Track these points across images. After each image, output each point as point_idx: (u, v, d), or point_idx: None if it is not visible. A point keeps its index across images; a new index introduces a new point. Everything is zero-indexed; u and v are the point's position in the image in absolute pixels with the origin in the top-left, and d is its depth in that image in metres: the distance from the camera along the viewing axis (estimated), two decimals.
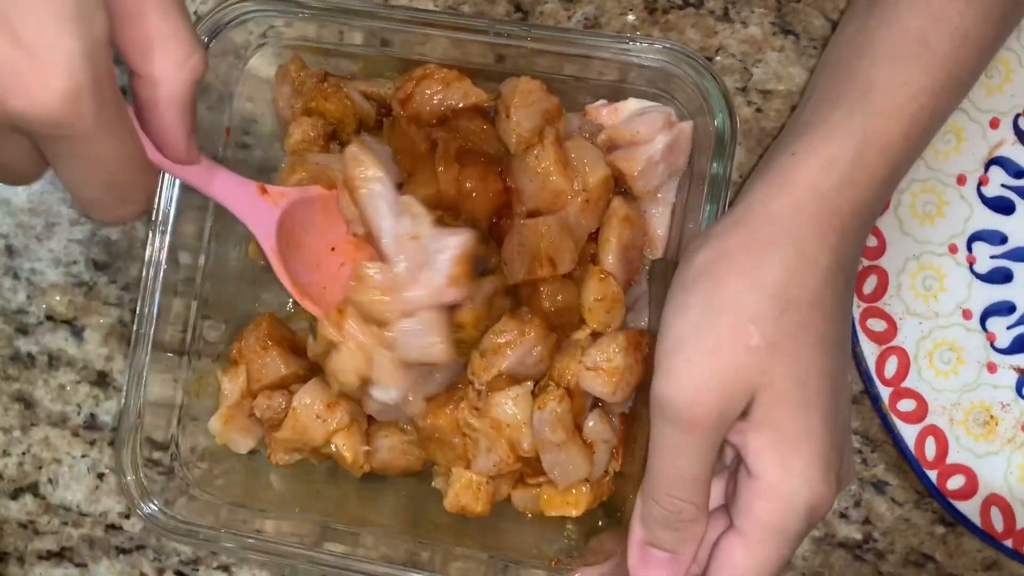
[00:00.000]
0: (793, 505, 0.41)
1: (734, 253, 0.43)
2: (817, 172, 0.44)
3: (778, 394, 0.42)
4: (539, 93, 0.51)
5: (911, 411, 0.54)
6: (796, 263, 0.42)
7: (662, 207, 0.53)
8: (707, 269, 0.43)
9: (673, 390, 0.42)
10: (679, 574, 0.44)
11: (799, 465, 0.41)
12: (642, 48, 0.50)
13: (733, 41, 0.58)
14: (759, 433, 0.42)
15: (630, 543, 0.45)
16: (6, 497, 0.61)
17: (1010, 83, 0.55)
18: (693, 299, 0.43)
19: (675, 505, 0.43)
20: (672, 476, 0.43)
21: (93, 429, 0.61)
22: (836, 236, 0.43)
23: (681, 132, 0.52)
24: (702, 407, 0.41)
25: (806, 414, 0.42)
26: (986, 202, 0.55)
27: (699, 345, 0.42)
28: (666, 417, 0.42)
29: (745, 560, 0.42)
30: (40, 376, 0.61)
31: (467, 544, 0.52)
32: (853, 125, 0.44)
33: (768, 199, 0.44)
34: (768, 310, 0.42)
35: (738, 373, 0.41)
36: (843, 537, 0.57)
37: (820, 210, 0.43)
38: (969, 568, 0.57)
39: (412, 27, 0.51)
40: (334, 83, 0.54)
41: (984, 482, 0.54)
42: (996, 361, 0.55)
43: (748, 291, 0.42)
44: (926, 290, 0.55)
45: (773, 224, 0.43)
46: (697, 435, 0.42)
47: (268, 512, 0.55)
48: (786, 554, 0.42)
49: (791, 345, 0.42)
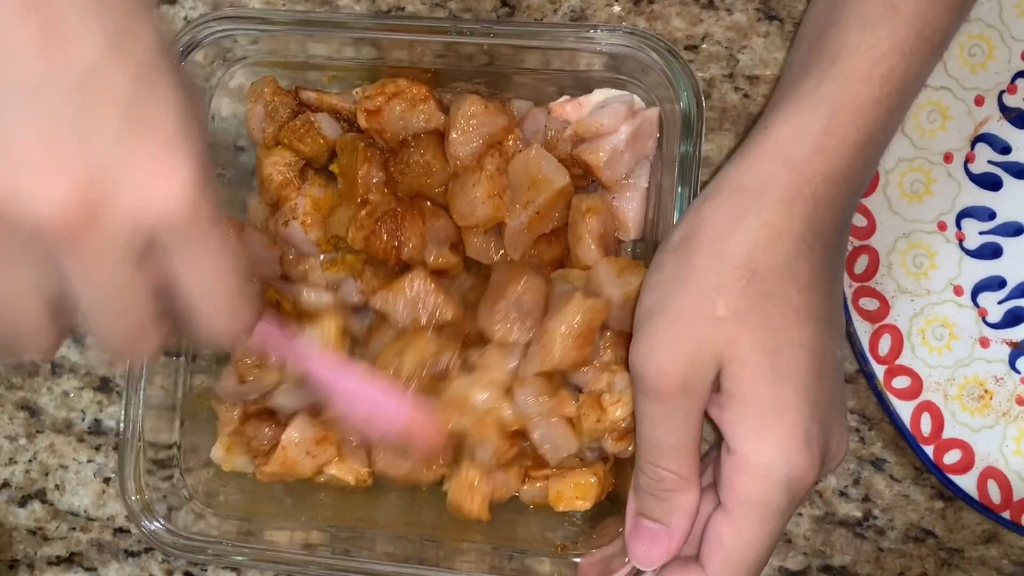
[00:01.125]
0: (771, 478, 0.42)
1: (702, 228, 0.43)
2: (787, 141, 0.43)
3: (746, 365, 0.42)
4: (483, 116, 0.52)
5: (906, 388, 0.55)
6: (763, 233, 0.42)
7: (632, 192, 0.54)
8: (678, 245, 0.44)
9: (641, 360, 0.43)
10: (669, 547, 0.45)
11: (774, 438, 0.41)
12: (604, 35, 0.50)
13: (718, 28, 0.58)
14: (731, 406, 0.42)
15: (627, 514, 0.46)
16: (14, 504, 0.62)
17: (993, 60, 0.55)
18: (663, 275, 0.44)
19: (657, 473, 0.44)
20: (651, 445, 0.44)
21: (98, 434, 0.62)
22: (808, 204, 0.43)
23: (645, 118, 0.52)
24: (666, 377, 0.42)
25: (778, 386, 0.42)
26: (973, 179, 0.56)
27: (664, 316, 0.43)
28: (639, 388, 0.43)
29: (731, 537, 0.43)
30: (44, 384, 0.62)
31: (473, 538, 0.53)
32: (821, 92, 0.44)
33: (739, 172, 0.44)
34: (733, 281, 0.42)
35: (701, 343, 0.42)
36: (843, 515, 0.58)
37: (791, 179, 0.43)
38: (969, 542, 0.58)
39: (378, 33, 0.52)
40: (305, 120, 0.54)
41: (980, 455, 0.55)
42: (988, 336, 0.56)
43: (713, 262, 0.42)
44: (917, 268, 0.56)
45: (741, 195, 0.43)
46: (667, 404, 0.42)
47: (273, 522, 0.55)
48: (772, 529, 0.42)
49: (758, 316, 0.42)
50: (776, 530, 0.43)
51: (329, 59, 0.54)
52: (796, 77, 0.46)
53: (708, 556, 0.44)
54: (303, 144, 0.54)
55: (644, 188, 0.54)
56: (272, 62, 0.55)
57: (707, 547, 0.44)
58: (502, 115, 0.53)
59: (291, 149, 0.55)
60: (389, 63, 0.54)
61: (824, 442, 0.43)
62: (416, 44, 0.52)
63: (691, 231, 0.44)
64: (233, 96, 0.56)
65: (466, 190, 0.52)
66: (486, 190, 0.52)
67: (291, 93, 0.55)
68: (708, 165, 0.58)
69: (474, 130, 0.52)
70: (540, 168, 0.52)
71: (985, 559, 0.58)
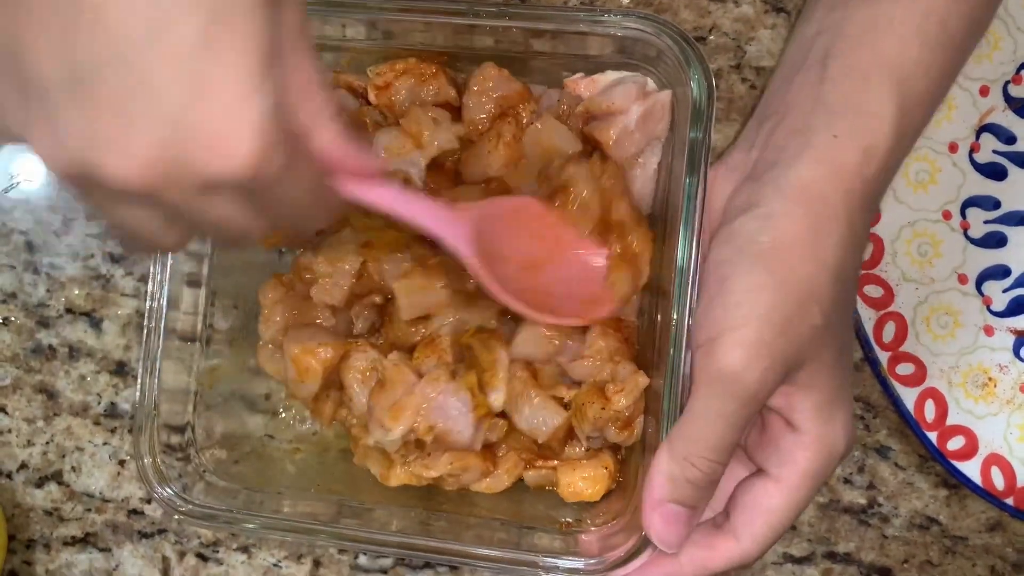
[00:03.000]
0: (833, 455, 0.46)
1: (802, 237, 0.44)
2: (862, 159, 0.45)
3: (825, 364, 0.45)
4: (498, 79, 0.53)
5: (910, 375, 0.55)
6: (852, 242, 0.45)
7: (641, 170, 0.55)
8: (777, 251, 0.44)
9: (742, 364, 0.43)
10: (691, 527, 0.47)
11: (840, 420, 0.46)
12: (618, 19, 0.51)
13: (726, 20, 0.59)
14: (805, 395, 0.45)
15: (647, 499, 0.46)
16: (32, 486, 0.63)
17: (998, 51, 0.56)
18: (766, 280, 0.44)
19: (712, 468, 0.45)
20: (714, 442, 0.45)
21: (113, 417, 0.63)
22: (870, 213, 0.47)
23: (657, 100, 0.53)
24: (768, 385, 0.44)
25: (842, 375, 0.47)
26: (978, 168, 0.56)
27: (772, 324, 0.44)
28: (724, 389, 0.44)
29: (781, 504, 0.46)
30: (61, 367, 0.63)
31: (479, 514, 0.53)
32: (888, 112, 0.45)
33: (820, 180, 0.45)
34: (830, 291, 0.45)
35: (799, 351, 0.44)
36: (848, 502, 0.58)
37: (865, 192, 0.46)
38: (973, 529, 0.58)
39: (395, 14, 0.53)
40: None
41: (984, 442, 0.55)
42: (993, 324, 0.56)
43: (819, 274, 0.44)
44: (921, 256, 0.56)
45: (830, 207, 0.45)
46: (752, 407, 0.44)
47: (284, 494, 0.56)
48: (811, 497, 0.47)
49: (839, 320, 0.46)
50: (812, 498, 0.47)
51: (345, 41, 0.55)
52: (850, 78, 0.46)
53: (748, 522, 0.46)
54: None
55: (654, 168, 0.54)
56: None
57: (747, 514, 0.47)
58: (516, 81, 0.54)
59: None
60: (405, 45, 0.54)
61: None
62: (432, 26, 0.53)
63: (790, 239, 0.44)
64: None
65: (481, 157, 0.53)
66: (502, 158, 0.52)
67: None
68: (716, 154, 0.58)
69: (489, 93, 0.53)
70: (552, 137, 0.53)
71: (989, 547, 0.58)
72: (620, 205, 0.52)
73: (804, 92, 0.47)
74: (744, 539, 0.47)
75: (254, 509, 0.54)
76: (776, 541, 0.47)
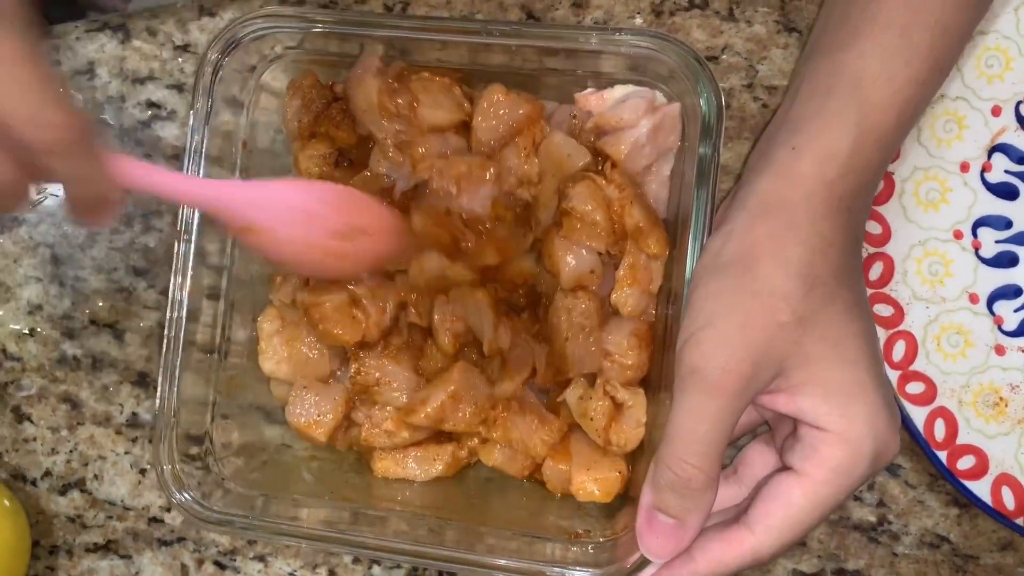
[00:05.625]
0: (861, 451, 0.45)
1: (761, 242, 0.46)
2: (820, 163, 0.47)
3: (812, 356, 0.45)
4: (506, 103, 0.54)
5: (920, 394, 0.55)
6: (817, 243, 0.46)
7: (656, 181, 0.55)
8: (737, 258, 0.47)
9: (704, 358, 0.45)
10: (682, 542, 0.46)
11: (861, 415, 0.45)
12: (629, 38, 0.52)
13: (739, 40, 0.60)
14: (807, 394, 0.46)
15: (640, 507, 0.47)
16: (55, 493, 0.65)
17: (1011, 71, 0.56)
18: (725, 284, 0.46)
19: (687, 471, 0.45)
20: (689, 441, 0.45)
21: (135, 427, 0.64)
22: (846, 216, 0.47)
23: (667, 113, 0.54)
24: (731, 374, 0.44)
25: (852, 369, 0.46)
26: (990, 188, 0.56)
27: (732, 320, 0.45)
28: (694, 384, 0.45)
29: (803, 498, 0.45)
30: (85, 378, 0.64)
31: (492, 523, 0.54)
32: (848, 118, 0.47)
33: (779, 191, 0.47)
34: (796, 288, 0.45)
35: (769, 345, 0.45)
36: (858, 519, 0.59)
37: (829, 196, 0.47)
38: (984, 549, 0.58)
39: (410, 32, 0.54)
40: (340, 108, 0.57)
41: (995, 462, 0.55)
42: (1004, 344, 0.56)
43: (778, 272, 0.45)
44: (932, 275, 0.56)
45: (789, 212, 0.46)
46: (722, 400, 0.45)
47: (300, 502, 0.57)
48: (841, 499, 0.46)
49: (821, 316, 0.46)
50: (842, 501, 0.46)
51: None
52: (815, 96, 0.49)
53: (765, 514, 0.46)
54: (340, 131, 0.56)
55: (667, 175, 0.55)
56: (309, 60, 0.58)
57: (766, 506, 0.46)
58: (527, 103, 0.55)
59: (327, 138, 0.57)
60: (422, 63, 0.56)
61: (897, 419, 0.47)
62: (448, 44, 0.54)
63: (749, 245, 0.47)
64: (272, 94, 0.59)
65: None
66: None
67: (328, 87, 0.58)
68: (727, 173, 0.59)
69: (498, 116, 0.54)
70: (562, 150, 0.54)
71: (1001, 566, 0.58)
72: (632, 212, 0.53)
73: (778, 117, 0.50)
74: (758, 532, 0.46)
75: (271, 516, 0.55)
76: (794, 541, 0.46)
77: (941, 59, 0.48)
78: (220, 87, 0.55)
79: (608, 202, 0.53)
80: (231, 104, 0.57)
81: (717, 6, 0.60)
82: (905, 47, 0.47)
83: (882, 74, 0.47)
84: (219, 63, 0.55)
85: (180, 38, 0.63)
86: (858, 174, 0.47)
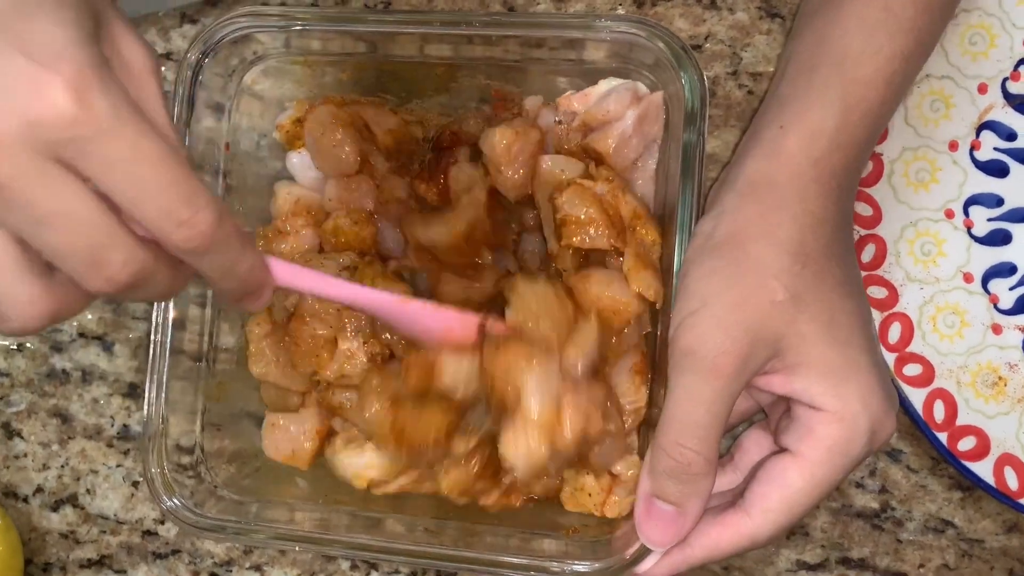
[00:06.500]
0: (856, 429, 0.44)
1: (752, 221, 0.46)
2: (807, 141, 0.47)
3: (806, 336, 0.45)
4: (519, 142, 0.53)
5: (917, 375, 0.55)
6: (808, 221, 0.46)
7: (641, 173, 0.55)
8: (729, 238, 0.46)
9: (699, 340, 0.44)
10: (682, 529, 0.45)
11: (854, 393, 0.45)
12: (611, 24, 0.51)
13: (721, 28, 0.59)
14: (802, 374, 0.45)
15: (638, 495, 0.47)
16: (48, 509, 0.64)
17: (995, 48, 0.56)
18: (717, 264, 0.46)
19: (684, 455, 0.44)
20: (686, 424, 0.44)
21: (126, 439, 0.63)
22: (834, 193, 0.47)
23: (651, 102, 0.53)
24: (727, 355, 0.44)
25: (845, 348, 0.45)
26: (980, 166, 0.56)
27: (726, 301, 0.45)
28: (689, 367, 0.45)
29: (799, 479, 0.45)
30: (75, 391, 0.64)
31: (488, 522, 0.53)
32: (832, 94, 0.47)
33: (767, 170, 0.47)
34: (789, 266, 0.45)
35: (764, 324, 0.44)
36: (860, 507, 0.58)
37: (817, 173, 0.46)
38: (990, 532, 0.57)
39: (391, 27, 0.53)
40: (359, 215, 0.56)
41: (996, 442, 0.54)
42: (1001, 322, 0.55)
43: (769, 251, 0.45)
44: (925, 256, 0.56)
45: (778, 190, 0.46)
46: (719, 382, 0.44)
47: (295, 506, 0.57)
48: (839, 478, 0.45)
49: (814, 294, 0.45)
50: (839, 481, 0.45)
51: (345, 55, 0.56)
52: (801, 74, 0.49)
53: (762, 496, 0.45)
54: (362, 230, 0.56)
55: (652, 170, 0.55)
56: (292, 60, 0.57)
57: (762, 489, 0.45)
58: (532, 131, 0.54)
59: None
60: (404, 57, 0.55)
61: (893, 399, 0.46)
62: (430, 38, 0.53)
63: (739, 225, 0.46)
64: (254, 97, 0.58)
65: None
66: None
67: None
68: (715, 161, 0.59)
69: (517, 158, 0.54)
70: (554, 171, 0.53)
71: (1007, 549, 0.57)
72: (626, 199, 0.53)
73: (767, 98, 0.50)
74: (755, 515, 0.45)
75: (265, 521, 0.55)
76: (792, 523, 0.46)
77: (924, 33, 0.48)
78: (201, 91, 0.55)
79: (599, 198, 0.53)
80: (213, 108, 0.56)
81: None
82: (888, 21, 0.47)
83: (866, 49, 0.47)
84: (199, 65, 0.54)
85: (162, 46, 0.63)
86: (845, 151, 0.47)
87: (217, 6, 0.63)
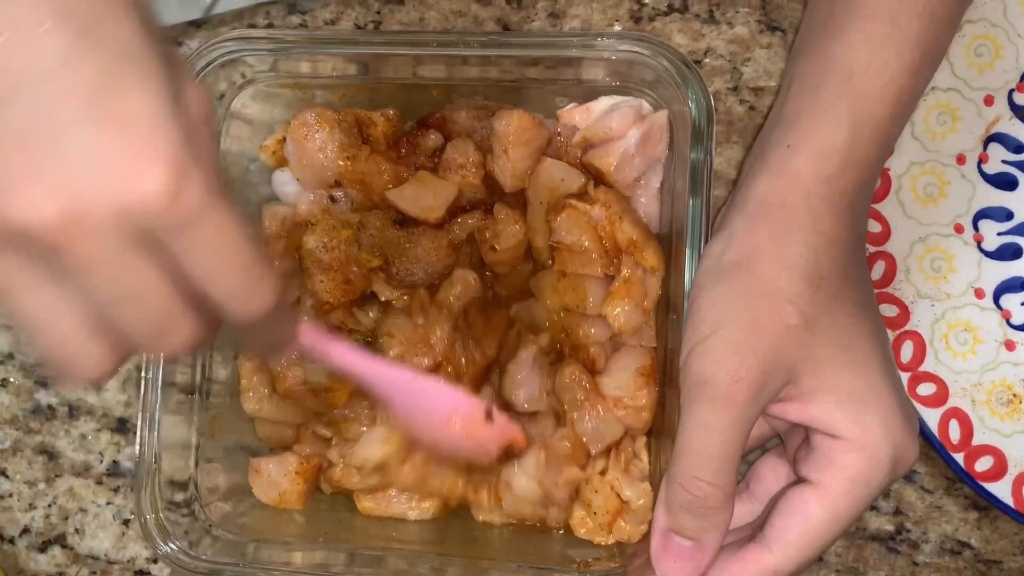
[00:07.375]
0: (878, 457, 0.43)
1: (763, 243, 0.45)
2: (817, 159, 0.45)
3: (822, 362, 0.43)
4: (533, 131, 0.52)
5: (931, 395, 0.54)
6: (821, 243, 0.44)
7: (645, 191, 0.54)
8: (740, 262, 0.45)
9: (712, 367, 0.43)
10: (701, 564, 0.44)
11: (875, 420, 0.43)
12: (612, 43, 0.50)
13: (721, 42, 0.58)
14: (819, 400, 0.44)
15: (653, 530, 0.45)
16: (35, 551, 0.62)
17: (1000, 59, 0.55)
18: (729, 288, 0.44)
19: (702, 489, 0.43)
20: (702, 456, 0.43)
21: (116, 476, 0.61)
22: (848, 213, 0.45)
23: (655, 122, 0.52)
24: (742, 383, 0.42)
25: (863, 373, 0.44)
26: (988, 179, 0.55)
27: (739, 326, 0.43)
28: (702, 396, 0.43)
29: (821, 511, 0.43)
30: (62, 427, 0.62)
31: (494, 556, 0.52)
32: (841, 111, 0.46)
33: (777, 190, 0.46)
34: (804, 289, 0.44)
35: (778, 350, 0.43)
36: (875, 530, 0.56)
37: (829, 193, 0.45)
38: (1007, 552, 0.56)
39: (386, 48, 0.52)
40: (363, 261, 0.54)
41: (1013, 461, 0.53)
42: (1014, 338, 0.54)
43: (782, 274, 0.44)
44: (935, 272, 0.55)
45: (790, 213, 0.45)
46: (734, 411, 0.42)
47: (293, 545, 0.55)
48: (862, 508, 0.44)
49: (828, 317, 0.44)
50: (861, 511, 0.44)
51: (337, 77, 0.55)
52: (806, 92, 0.47)
53: (783, 530, 0.44)
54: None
55: (656, 188, 0.54)
56: (281, 84, 0.56)
57: (783, 522, 0.44)
58: (544, 129, 0.53)
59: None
60: (398, 79, 0.54)
61: (914, 422, 0.45)
62: (424, 59, 0.52)
63: (750, 249, 0.45)
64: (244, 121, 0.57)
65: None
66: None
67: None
68: (718, 179, 0.57)
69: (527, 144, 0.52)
70: (553, 176, 0.52)
71: None
72: (623, 227, 0.51)
73: (771, 117, 0.49)
74: (776, 550, 0.44)
75: (263, 562, 0.53)
76: (813, 557, 0.44)
77: (931, 47, 0.47)
78: None
79: (594, 225, 0.52)
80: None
81: (697, 9, 0.58)
82: (894, 36, 0.46)
83: (873, 64, 0.46)
84: None
85: None
86: (856, 169, 0.46)
87: (202, 28, 0.61)
